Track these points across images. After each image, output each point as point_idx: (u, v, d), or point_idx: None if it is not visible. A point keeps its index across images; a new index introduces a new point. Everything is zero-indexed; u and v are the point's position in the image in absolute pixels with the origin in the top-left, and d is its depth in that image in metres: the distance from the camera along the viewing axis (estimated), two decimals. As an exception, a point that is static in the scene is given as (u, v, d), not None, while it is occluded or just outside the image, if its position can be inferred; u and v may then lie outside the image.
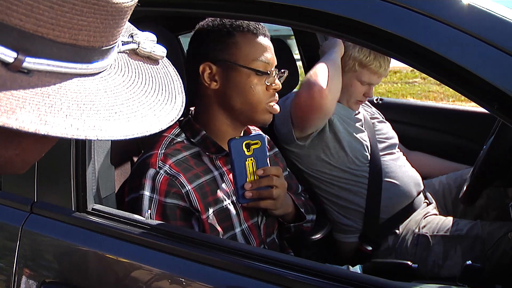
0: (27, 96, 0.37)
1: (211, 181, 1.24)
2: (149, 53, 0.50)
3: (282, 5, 0.95)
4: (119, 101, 0.43)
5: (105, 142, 1.16)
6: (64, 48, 0.39)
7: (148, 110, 0.45)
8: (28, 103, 0.36)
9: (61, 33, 0.38)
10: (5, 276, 1.11)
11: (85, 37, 0.40)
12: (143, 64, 0.50)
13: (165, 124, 0.45)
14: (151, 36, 0.51)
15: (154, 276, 1.00)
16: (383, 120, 2.01)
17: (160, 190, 1.15)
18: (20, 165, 0.47)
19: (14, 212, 1.14)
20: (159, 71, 0.51)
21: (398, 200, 1.76)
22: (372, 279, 0.89)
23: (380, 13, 0.87)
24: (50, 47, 0.38)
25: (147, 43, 0.50)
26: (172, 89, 0.49)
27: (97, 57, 0.42)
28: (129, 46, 0.49)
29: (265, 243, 1.32)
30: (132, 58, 0.50)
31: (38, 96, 0.37)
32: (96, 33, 0.40)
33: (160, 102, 0.47)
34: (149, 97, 0.46)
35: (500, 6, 0.88)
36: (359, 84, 1.79)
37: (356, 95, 1.81)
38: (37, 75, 0.38)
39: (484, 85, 0.81)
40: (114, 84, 0.44)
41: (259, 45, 1.26)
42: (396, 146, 1.92)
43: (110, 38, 0.42)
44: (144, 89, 0.46)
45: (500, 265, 1.51)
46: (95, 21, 0.40)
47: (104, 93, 0.42)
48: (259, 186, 1.20)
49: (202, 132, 1.27)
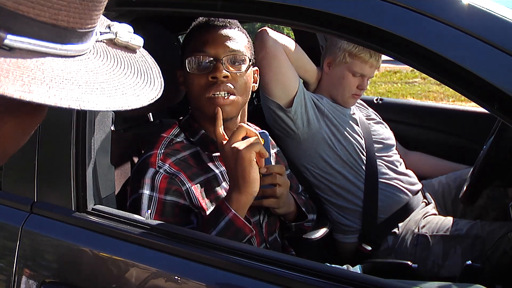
0: (9, 69, 0.37)
1: (212, 179, 1.24)
2: (126, 42, 0.52)
3: (282, 5, 0.95)
4: (99, 79, 0.44)
5: (105, 142, 1.16)
6: (45, 27, 0.40)
7: (128, 89, 0.46)
8: (11, 73, 0.37)
9: (41, 12, 0.39)
10: (5, 276, 1.11)
11: (64, 17, 0.41)
12: (121, 52, 0.51)
13: (146, 101, 0.46)
14: (128, 27, 0.53)
15: (154, 276, 1.00)
16: (380, 121, 2.01)
17: (160, 188, 1.16)
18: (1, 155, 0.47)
19: (14, 212, 1.14)
20: (137, 59, 0.52)
21: (394, 200, 1.76)
22: (372, 279, 0.89)
23: (380, 13, 0.87)
24: (31, 26, 0.39)
25: (125, 33, 0.52)
26: (150, 74, 0.51)
27: (75, 39, 0.43)
28: (107, 36, 0.50)
29: (267, 241, 1.32)
30: (110, 47, 0.51)
31: (20, 69, 0.38)
32: (76, 14, 0.41)
33: (140, 83, 0.48)
34: (128, 78, 0.47)
35: (500, 6, 0.88)
36: (351, 76, 1.80)
37: (350, 88, 1.81)
38: (18, 52, 0.39)
39: (484, 85, 0.81)
40: (94, 66, 0.45)
41: (198, 36, 1.26)
42: (393, 147, 1.92)
43: (88, 21, 0.43)
44: (124, 72, 0.48)
45: (500, 265, 1.51)
46: (74, 2, 0.41)
47: (85, 72, 0.43)
48: (262, 184, 1.20)
49: (201, 131, 1.28)
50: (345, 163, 1.76)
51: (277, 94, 1.68)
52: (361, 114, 1.95)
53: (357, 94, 1.83)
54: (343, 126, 1.79)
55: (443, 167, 2.11)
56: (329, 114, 1.77)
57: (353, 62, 1.78)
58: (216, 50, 1.23)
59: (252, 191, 1.12)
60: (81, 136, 1.08)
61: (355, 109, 1.94)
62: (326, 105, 1.79)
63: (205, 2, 1.05)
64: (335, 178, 1.77)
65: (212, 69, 1.22)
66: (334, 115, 1.79)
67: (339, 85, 1.82)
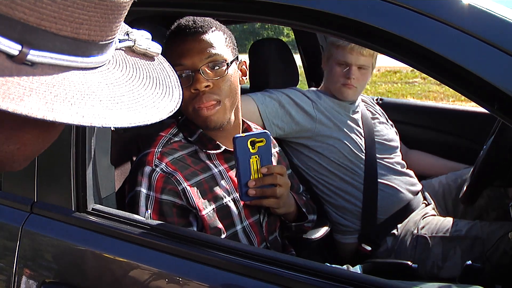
0: (33, 86, 0.38)
1: (209, 178, 1.24)
2: (145, 50, 0.52)
3: (282, 5, 0.94)
4: (119, 92, 0.44)
5: (105, 142, 1.16)
6: (66, 41, 0.40)
7: (147, 101, 0.46)
8: (35, 92, 0.38)
9: (63, 27, 0.39)
10: (5, 276, 1.11)
11: (86, 31, 0.41)
12: (139, 61, 0.51)
13: (165, 114, 0.46)
14: (146, 34, 0.53)
15: (154, 276, 1.00)
16: (385, 121, 2.00)
17: (156, 187, 1.16)
18: (20, 161, 0.48)
19: (14, 212, 1.14)
20: (155, 67, 0.52)
21: (394, 201, 1.76)
22: (372, 279, 0.89)
23: (380, 13, 0.87)
24: (53, 41, 0.39)
25: (143, 40, 0.52)
26: (169, 83, 0.51)
27: (96, 51, 0.43)
28: (126, 43, 0.51)
29: (267, 241, 1.32)
30: (129, 55, 0.51)
31: (43, 86, 0.39)
32: (96, 27, 0.42)
33: (159, 95, 0.48)
34: (147, 90, 0.47)
35: (500, 6, 0.88)
36: (338, 66, 1.83)
37: (338, 78, 1.83)
38: (40, 67, 0.39)
39: (484, 85, 0.81)
40: (114, 78, 0.45)
41: (174, 48, 1.23)
42: (396, 149, 1.91)
43: (109, 33, 0.44)
44: (143, 82, 0.48)
45: (500, 265, 1.51)
46: (95, 16, 0.41)
47: (105, 85, 0.44)
48: (263, 184, 1.20)
49: (199, 130, 1.28)
50: (340, 166, 1.76)
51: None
52: (368, 113, 1.94)
53: (347, 83, 1.82)
54: (340, 127, 1.79)
55: (443, 166, 2.11)
56: (323, 118, 1.77)
57: (336, 52, 1.84)
58: (192, 60, 1.20)
59: None
60: (81, 136, 1.08)
61: (361, 106, 1.93)
62: (324, 105, 1.79)
63: (205, 2, 1.05)
64: (331, 179, 1.77)
65: (193, 81, 1.20)
66: (330, 115, 1.79)
67: (330, 77, 1.87)
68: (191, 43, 1.22)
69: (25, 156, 0.47)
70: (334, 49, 1.84)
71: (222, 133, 1.28)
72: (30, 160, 0.49)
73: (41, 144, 0.48)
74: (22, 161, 0.48)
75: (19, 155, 0.46)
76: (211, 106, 1.20)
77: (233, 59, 1.25)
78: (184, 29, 1.24)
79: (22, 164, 0.48)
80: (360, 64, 1.82)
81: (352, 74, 1.80)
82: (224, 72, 1.21)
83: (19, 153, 0.46)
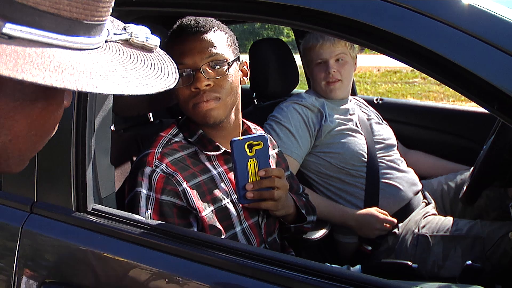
0: (5, 51, 0.36)
1: (209, 180, 1.24)
2: (142, 42, 0.51)
3: (282, 5, 0.95)
4: (108, 68, 0.43)
5: (105, 142, 1.16)
6: (46, 17, 0.39)
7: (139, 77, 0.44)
8: (5, 55, 0.36)
9: (40, 0, 0.38)
10: (5, 276, 1.11)
11: (66, 7, 0.40)
12: (137, 51, 0.50)
13: (162, 87, 0.45)
14: (145, 29, 0.52)
15: (154, 276, 1.00)
16: (380, 121, 2.01)
17: (156, 188, 1.16)
18: (15, 158, 0.46)
19: (14, 212, 1.14)
20: (153, 57, 0.51)
21: (395, 200, 1.76)
22: (372, 279, 0.89)
23: (380, 13, 0.87)
24: (31, 15, 0.38)
25: (140, 33, 0.51)
26: (165, 67, 0.50)
27: (82, 31, 0.42)
28: (122, 36, 0.50)
29: (266, 242, 1.32)
30: (126, 47, 0.50)
31: (17, 53, 0.37)
32: (79, 4, 0.40)
33: (151, 75, 0.47)
34: (138, 69, 0.46)
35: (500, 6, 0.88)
36: (317, 67, 1.88)
37: (320, 78, 1.87)
38: (18, 41, 0.38)
39: (484, 85, 0.81)
40: (102, 59, 0.44)
41: (175, 47, 1.24)
42: (394, 147, 1.92)
43: (94, 12, 0.42)
44: (135, 64, 0.47)
45: (500, 265, 1.51)
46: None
47: (90, 62, 0.42)
48: (261, 187, 1.20)
49: (199, 131, 1.28)
50: (341, 170, 1.77)
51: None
52: (363, 115, 1.95)
53: (329, 80, 1.86)
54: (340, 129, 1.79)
55: (443, 167, 2.11)
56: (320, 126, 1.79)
57: (310, 55, 1.90)
58: (193, 59, 1.20)
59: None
60: (81, 136, 1.08)
61: (355, 109, 1.94)
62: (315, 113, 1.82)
63: (205, 2, 1.05)
64: (333, 181, 1.77)
65: (193, 80, 1.20)
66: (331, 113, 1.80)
67: (314, 81, 1.92)
68: (192, 42, 1.22)
69: (20, 152, 0.46)
70: (308, 52, 1.90)
71: (222, 133, 1.28)
72: (27, 158, 0.48)
73: (35, 138, 0.46)
74: (17, 158, 0.47)
75: (13, 149, 0.45)
76: (211, 102, 1.21)
77: (234, 59, 1.26)
78: (186, 29, 1.24)
79: (18, 162, 0.47)
80: (335, 55, 1.86)
81: (331, 68, 1.84)
82: (225, 72, 1.21)
83: (13, 147, 0.45)
